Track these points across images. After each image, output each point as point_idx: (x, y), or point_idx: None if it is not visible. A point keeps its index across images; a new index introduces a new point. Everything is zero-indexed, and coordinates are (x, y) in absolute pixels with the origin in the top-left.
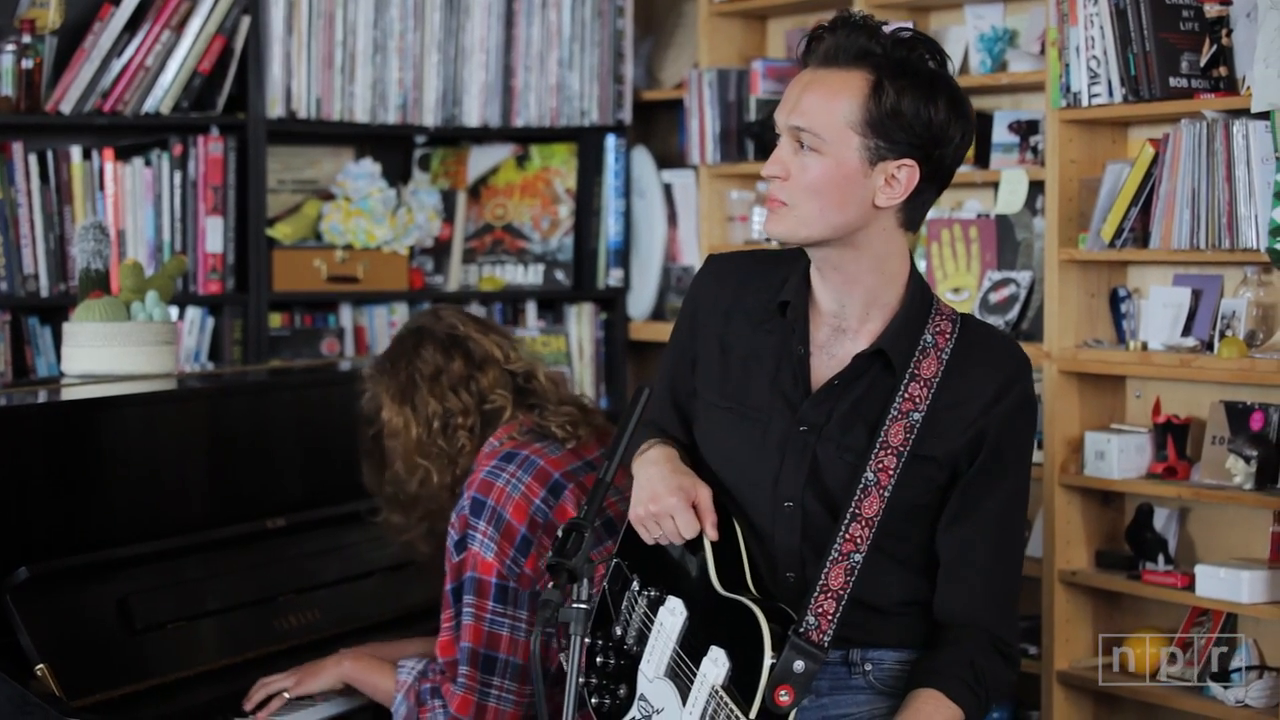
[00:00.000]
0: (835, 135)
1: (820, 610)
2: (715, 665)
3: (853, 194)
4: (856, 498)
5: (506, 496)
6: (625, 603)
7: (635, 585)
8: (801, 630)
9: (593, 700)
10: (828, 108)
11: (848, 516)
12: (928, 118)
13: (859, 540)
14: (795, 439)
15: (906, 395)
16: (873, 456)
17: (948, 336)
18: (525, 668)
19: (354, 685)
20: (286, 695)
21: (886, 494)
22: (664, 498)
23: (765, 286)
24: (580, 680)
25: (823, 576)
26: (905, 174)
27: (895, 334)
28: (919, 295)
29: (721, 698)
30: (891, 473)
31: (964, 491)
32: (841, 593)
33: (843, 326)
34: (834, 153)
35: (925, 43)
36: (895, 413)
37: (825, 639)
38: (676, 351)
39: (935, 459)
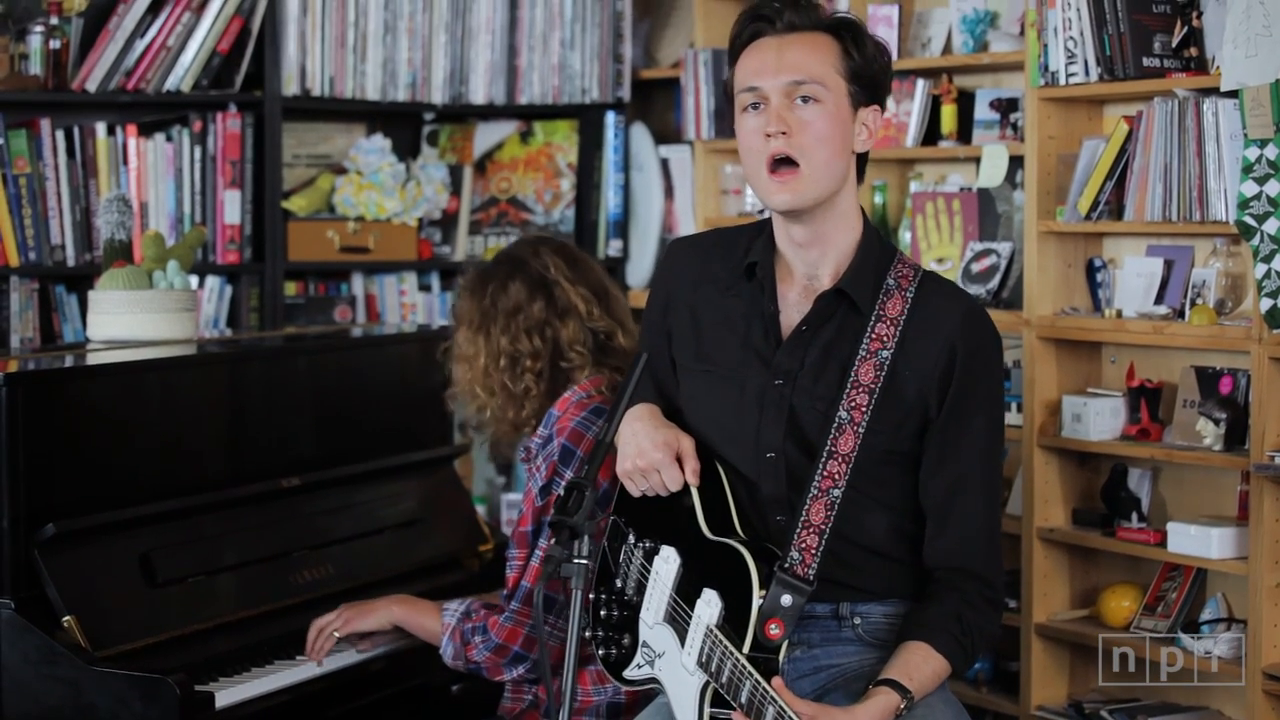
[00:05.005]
0: (832, 82)
1: (804, 545)
2: (708, 606)
3: (846, 141)
4: (831, 436)
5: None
6: (623, 556)
7: (631, 539)
8: (786, 565)
9: (599, 651)
10: (819, 58)
11: (824, 454)
12: (884, 64)
13: (836, 476)
14: (771, 392)
15: (874, 335)
16: (844, 396)
17: (910, 280)
18: (557, 603)
19: (403, 626)
20: (336, 635)
21: (860, 430)
22: (650, 452)
23: (729, 255)
24: (586, 633)
25: (804, 513)
26: (874, 119)
27: (854, 274)
28: (875, 241)
29: (716, 636)
30: (864, 410)
31: (942, 433)
32: (823, 528)
33: (814, 286)
34: (832, 99)
35: (835, 12)
36: (864, 352)
37: (810, 572)
38: (650, 331)
39: (906, 396)
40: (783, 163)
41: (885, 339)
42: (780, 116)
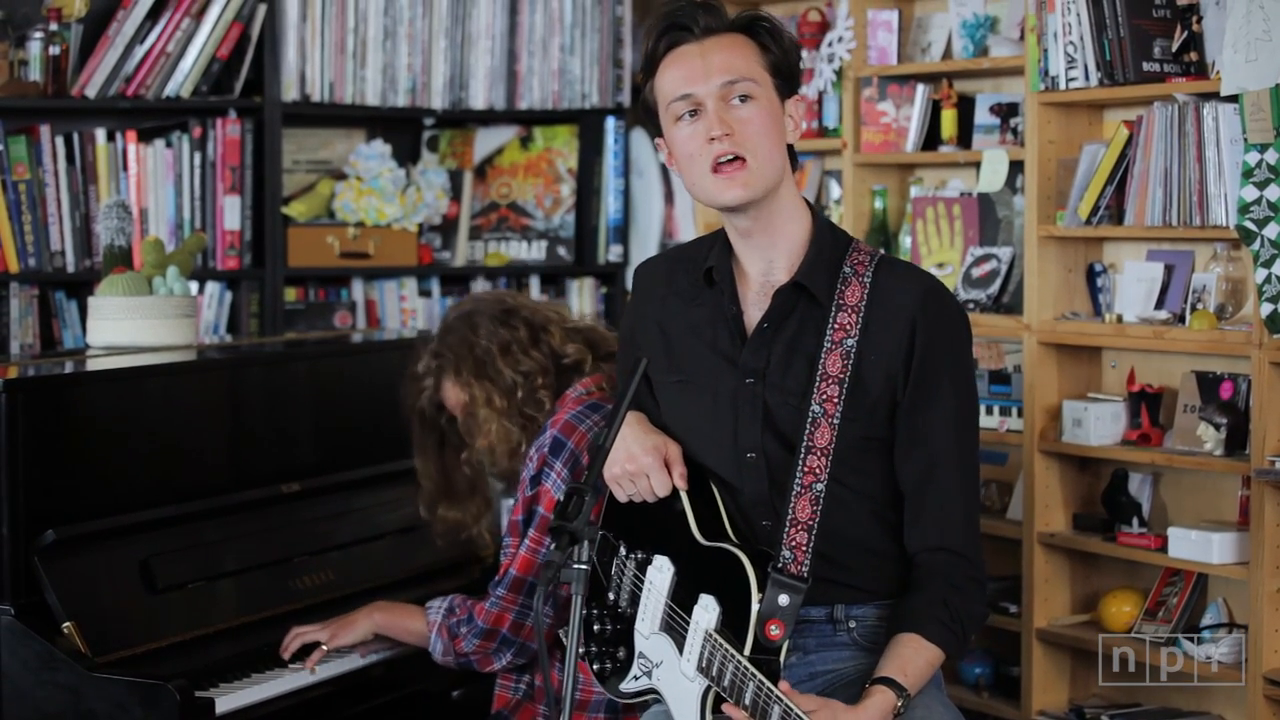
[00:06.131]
0: (761, 78)
1: (794, 544)
2: (706, 611)
3: (780, 133)
4: (807, 431)
5: (587, 442)
6: (615, 569)
7: (622, 551)
8: (780, 565)
9: (594, 666)
10: (744, 57)
11: (803, 450)
12: (800, 54)
13: (818, 471)
14: (744, 392)
15: (837, 325)
16: (815, 389)
17: (867, 265)
18: (567, 600)
19: (387, 633)
20: (324, 648)
21: (835, 422)
22: (639, 457)
23: (690, 266)
24: (580, 649)
25: (790, 510)
26: (798, 109)
27: (810, 266)
28: (828, 231)
29: (716, 640)
30: (836, 401)
31: (910, 412)
32: (811, 523)
33: (771, 281)
34: (764, 95)
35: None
36: (829, 344)
37: (803, 569)
38: (624, 353)
39: (875, 381)
40: (728, 161)
41: (848, 327)
42: (721, 119)
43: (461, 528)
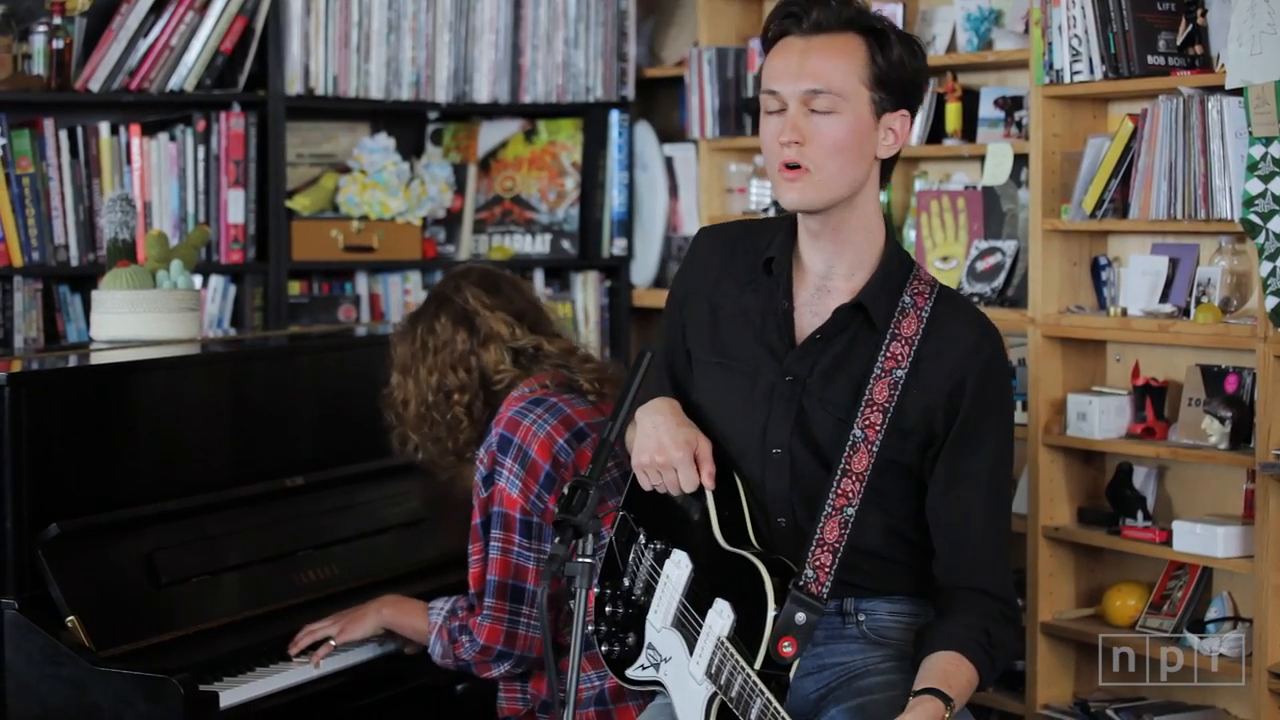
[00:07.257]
0: (852, 90)
1: (818, 564)
2: (720, 617)
3: (865, 149)
4: (846, 454)
5: (532, 435)
6: (632, 554)
7: (641, 538)
8: (801, 583)
9: (602, 647)
10: (840, 67)
11: (838, 472)
12: (916, 68)
13: (851, 495)
14: (782, 389)
15: (889, 354)
16: (859, 414)
17: (926, 297)
18: (552, 596)
19: (394, 629)
20: (333, 643)
21: (875, 449)
22: (669, 449)
23: (752, 250)
24: (590, 628)
25: (818, 531)
26: (900, 124)
27: (875, 290)
28: (897, 255)
29: (727, 649)
30: (878, 429)
31: (951, 457)
32: (837, 545)
33: (828, 286)
34: (850, 110)
35: (868, 10)
36: (879, 371)
37: (824, 590)
38: (668, 322)
39: (914, 414)
40: (793, 167)
41: (900, 358)
42: (795, 125)
43: (442, 469)
